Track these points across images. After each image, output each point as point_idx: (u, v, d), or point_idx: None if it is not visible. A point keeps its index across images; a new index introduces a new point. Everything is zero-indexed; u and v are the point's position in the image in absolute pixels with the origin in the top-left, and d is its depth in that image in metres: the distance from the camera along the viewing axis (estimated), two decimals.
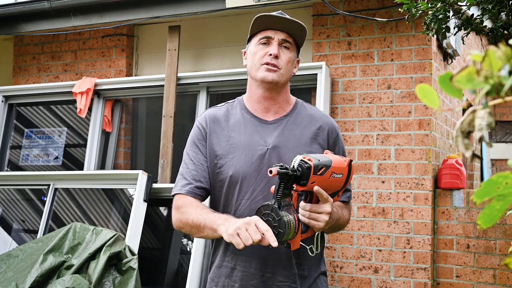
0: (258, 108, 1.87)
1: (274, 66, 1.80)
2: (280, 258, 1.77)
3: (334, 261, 3.93)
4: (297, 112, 1.89)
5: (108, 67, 4.83)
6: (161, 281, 4.01)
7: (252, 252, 1.77)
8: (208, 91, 4.42)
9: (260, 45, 1.82)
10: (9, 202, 4.60)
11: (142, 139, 4.93)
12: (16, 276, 3.33)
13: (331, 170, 1.63)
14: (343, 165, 1.69)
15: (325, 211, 1.62)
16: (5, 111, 5.03)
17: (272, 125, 1.85)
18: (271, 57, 1.80)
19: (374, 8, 3.98)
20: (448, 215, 3.75)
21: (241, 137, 1.83)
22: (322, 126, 1.87)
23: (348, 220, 1.89)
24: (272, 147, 1.79)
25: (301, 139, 1.82)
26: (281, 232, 1.53)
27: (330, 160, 1.64)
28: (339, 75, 4.02)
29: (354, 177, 3.91)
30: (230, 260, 1.81)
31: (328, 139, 1.86)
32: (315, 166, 1.57)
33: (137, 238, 3.79)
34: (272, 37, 1.81)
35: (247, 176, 1.78)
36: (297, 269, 1.79)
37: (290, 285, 1.78)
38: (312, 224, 1.63)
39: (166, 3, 4.34)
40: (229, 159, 1.81)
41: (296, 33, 1.84)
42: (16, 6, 4.71)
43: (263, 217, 1.56)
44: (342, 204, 1.87)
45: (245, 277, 1.78)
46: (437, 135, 3.94)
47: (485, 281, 3.61)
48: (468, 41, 5.10)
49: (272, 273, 1.77)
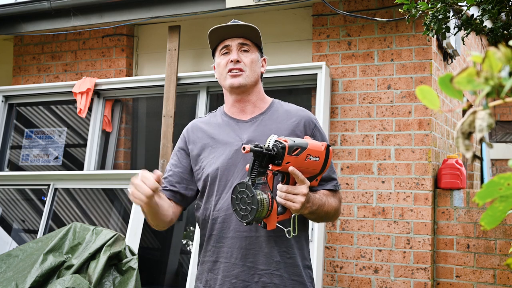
0: (234, 111, 1.97)
1: (239, 70, 1.90)
2: (261, 246, 1.81)
3: (334, 261, 3.93)
4: (274, 109, 1.96)
5: (108, 67, 4.83)
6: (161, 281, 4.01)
7: (233, 243, 1.82)
8: (208, 91, 4.42)
9: (222, 56, 1.94)
10: (9, 202, 4.60)
11: (142, 139, 4.93)
12: (16, 276, 3.33)
13: (307, 152, 1.66)
14: (320, 149, 1.71)
15: (301, 192, 1.65)
16: (5, 111, 5.03)
17: (248, 123, 1.93)
18: (233, 63, 1.90)
19: (374, 8, 3.98)
20: (448, 215, 3.75)
21: (219, 137, 1.93)
22: (299, 119, 1.92)
23: (337, 209, 1.91)
24: (247, 141, 1.86)
25: (277, 132, 1.87)
26: (254, 209, 1.57)
27: (307, 142, 1.68)
28: (339, 75, 4.02)
29: (354, 177, 3.91)
30: (212, 254, 1.88)
31: (305, 131, 1.90)
32: (289, 147, 1.61)
33: (137, 238, 3.79)
34: (230, 44, 1.92)
35: (225, 171, 1.85)
36: (281, 257, 1.82)
37: (272, 272, 1.80)
38: (288, 205, 1.66)
39: (166, 3, 4.34)
40: (209, 159, 1.91)
41: (251, 35, 1.93)
42: (16, 6, 4.71)
43: (239, 194, 1.61)
44: (328, 192, 1.89)
45: (227, 268, 1.83)
46: (437, 135, 3.94)
47: (485, 281, 3.61)
48: (468, 41, 5.10)
49: (253, 262, 1.81)
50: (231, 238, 1.83)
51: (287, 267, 1.83)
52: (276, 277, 1.80)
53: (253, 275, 1.80)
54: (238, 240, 1.80)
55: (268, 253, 1.81)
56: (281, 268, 1.81)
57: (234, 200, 1.63)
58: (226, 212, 1.83)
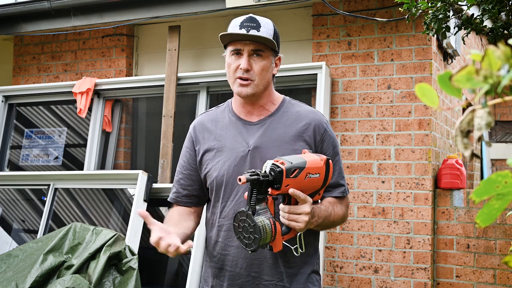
0: (242, 111, 1.90)
1: (247, 79, 1.80)
2: (266, 257, 1.79)
3: (334, 261, 3.93)
4: (283, 110, 1.89)
5: (108, 67, 4.83)
6: (161, 281, 4.01)
7: (238, 252, 1.81)
8: (208, 91, 4.42)
9: (232, 56, 1.82)
10: (9, 202, 4.60)
11: (142, 139, 4.93)
12: (16, 276, 3.33)
13: (306, 171, 1.62)
14: (320, 165, 1.67)
15: (304, 211, 1.62)
16: (5, 111, 5.03)
17: (256, 126, 1.86)
18: (242, 71, 1.79)
19: (374, 8, 3.98)
20: (448, 215, 3.75)
21: (226, 140, 1.87)
22: (308, 122, 1.85)
23: (344, 216, 1.88)
24: (254, 148, 1.81)
25: (284, 138, 1.83)
26: (257, 238, 1.56)
27: (305, 161, 1.63)
28: (339, 75, 4.02)
29: (354, 177, 3.91)
30: (218, 261, 1.87)
31: (314, 136, 1.84)
32: (287, 169, 1.57)
33: (137, 238, 3.79)
34: (241, 49, 1.80)
35: (231, 178, 1.81)
36: (284, 267, 1.80)
37: (276, 283, 1.79)
38: (292, 226, 1.64)
39: (166, 3, 4.34)
40: (215, 162, 1.86)
41: (266, 41, 1.80)
42: (16, 6, 4.71)
43: (240, 223, 1.59)
44: (335, 200, 1.85)
45: (232, 277, 1.82)
46: (437, 135, 3.94)
47: (485, 281, 3.61)
48: (468, 41, 5.10)
49: (258, 272, 1.80)
50: (236, 247, 1.82)
51: (291, 276, 1.82)
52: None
53: (258, 285, 1.80)
54: (243, 250, 1.77)
55: (273, 264, 1.79)
56: (285, 278, 1.80)
57: (236, 228, 1.61)
58: (231, 221, 1.80)
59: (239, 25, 1.80)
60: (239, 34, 1.77)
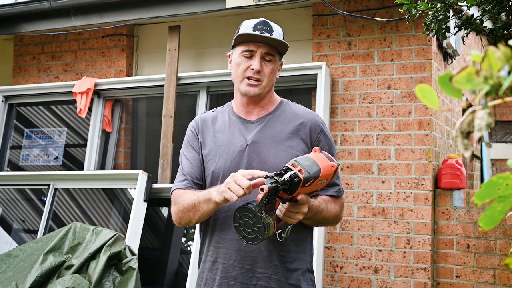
0: (242, 110, 1.95)
1: (257, 80, 1.86)
2: (260, 250, 1.81)
3: (334, 261, 3.93)
4: (281, 110, 1.95)
5: (108, 67, 4.83)
6: (161, 281, 4.01)
7: (232, 245, 1.83)
8: (208, 91, 4.42)
9: (243, 57, 1.86)
10: (9, 202, 4.60)
11: (142, 139, 4.93)
12: (16, 276, 3.33)
13: (318, 179, 1.64)
14: (330, 171, 1.69)
15: (302, 211, 1.66)
16: (5, 111, 5.03)
17: (255, 123, 1.92)
18: (253, 71, 1.85)
19: (374, 8, 3.98)
20: (448, 215, 3.75)
21: (224, 136, 1.92)
22: (305, 121, 1.91)
23: (337, 215, 1.90)
24: (251, 143, 1.86)
25: (281, 134, 1.87)
26: (258, 237, 1.60)
27: (319, 169, 1.64)
28: (339, 75, 4.02)
29: (354, 177, 3.91)
30: (212, 254, 1.88)
31: (310, 135, 1.89)
32: (305, 180, 1.59)
33: (137, 238, 3.79)
34: (255, 50, 1.85)
35: (228, 172, 1.82)
36: (279, 261, 1.82)
37: (270, 276, 1.80)
38: (285, 220, 1.68)
39: (166, 3, 4.34)
40: (212, 156, 1.90)
41: (278, 45, 1.86)
42: (16, 6, 4.71)
43: (244, 216, 1.61)
44: (329, 198, 1.88)
45: (225, 269, 1.83)
46: (437, 135, 3.94)
47: (485, 281, 3.61)
48: (468, 41, 5.10)
49: (252, 265, 1.81)
50: (230, 239, 1.83)
51: (285, 271, 1.83)
52: (273, 281, 1.81)
53: (251, 278, 1.81)
54: (237, 242, 1.80)
55: (267, 257, 1.81)
56: (279, 272, 1.82)
57: (237, 218, 1.63)
58: (226, 214, 1.83)
59: (253, 27, 1.85)
60: (260, 36, 1.82)
